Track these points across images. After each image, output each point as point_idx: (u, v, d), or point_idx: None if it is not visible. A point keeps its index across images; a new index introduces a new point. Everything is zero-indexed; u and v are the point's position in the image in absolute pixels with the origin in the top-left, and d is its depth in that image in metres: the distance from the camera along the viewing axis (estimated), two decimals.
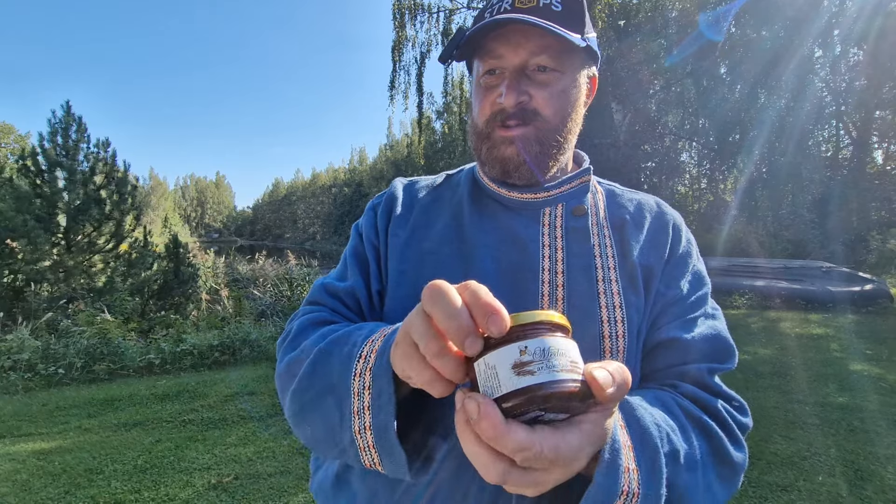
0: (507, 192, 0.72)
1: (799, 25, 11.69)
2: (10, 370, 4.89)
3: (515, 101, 0.65)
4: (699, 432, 0.57)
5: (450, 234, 0.72)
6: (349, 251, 0.77)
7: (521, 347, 0.37)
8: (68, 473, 2.88)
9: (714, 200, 16.10)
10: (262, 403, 4.03)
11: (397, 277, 0.70)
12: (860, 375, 4.50)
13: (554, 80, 0.66)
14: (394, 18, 14.88)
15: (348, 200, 59.86)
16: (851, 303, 7.78)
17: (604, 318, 0.64)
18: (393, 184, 0.82)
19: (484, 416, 0.36)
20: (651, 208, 0.76)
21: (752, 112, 12.86)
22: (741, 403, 0.65)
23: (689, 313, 0.67)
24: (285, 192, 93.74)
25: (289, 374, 0.61)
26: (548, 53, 0.64)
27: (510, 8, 0.64)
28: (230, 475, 2.80)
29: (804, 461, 2.86)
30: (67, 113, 8.05)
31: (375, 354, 0.51)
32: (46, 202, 7.60)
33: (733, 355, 0.67)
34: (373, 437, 0.50)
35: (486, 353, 0.38)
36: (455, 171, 0.84)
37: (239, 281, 10.77)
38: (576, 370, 0.38)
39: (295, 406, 0.58)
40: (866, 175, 13.11)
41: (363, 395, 0.51)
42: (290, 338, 0.67)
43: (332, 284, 0.74)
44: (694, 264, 0.72)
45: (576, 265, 0.67)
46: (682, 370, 0.64)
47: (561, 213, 0.71)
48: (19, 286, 7.16)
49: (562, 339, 0.38)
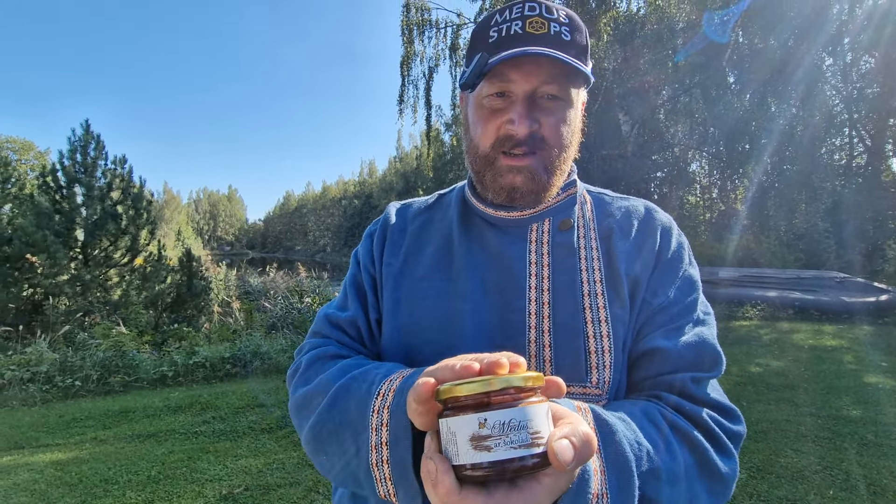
0: (495, 212, 0.73)
1: (807, 33, 11.66)
2: (30, 382, 5.01)
3: (528, 129, 0.64)
4: (684, 445, 0.57)
5: (440, 259, 0.74)
6: (349, 280, 0.80)
7: (481, 420, 0.37)
8: (84, 484, 2.94)
9: (725, 210, 15.95)
10: (272, 415, 4.08)
11: (393, 305, 0.72)
12: (875, 388, 4.42)
13: (560, 108, 0.67)
14: (402, 34, 15.13)
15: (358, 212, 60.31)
16: (867, 313, 7.64)
17: (589, 333, 0.64)
18: (387, 209, 0.85)
19: (440, 482, 0.38)
20: (639, 214, 0.74)
21: (762, 121, 12.79)
22: (731, 410, 0.64)
23: (675, 321, 0.67)
24: (296, 204, 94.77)
25: (305, 407, 0.65)
26: (558, 83, 0.65)
27: (521, 32, 0.64)
28: (241, 486, 2.84)
29: (815, 475, 2.83)
30: (87, 131, 8.30)
31: (394, 394, 0.54)
32: (65, 218, 7.81)
33: (719, 362, 0.66)
34: (390, 471, 0.52)
35: (448, 416, 0.39)
36: (447, 191, 0.86)
37: (250, 293, 10.90)
38: (536, 443, 0.37)
39: (312, 438, 0.62)
40: (881, 183, 12.91)
41: (381, 430, 0.54)
42: (300, 371, 0.71)
43: (334, 315, 0.77)
44: (684, 269, 0.71)
45: (561, 282, 0.67)
46: (666, 380, 0.64)
47: (548, 228, 0.71)
48: (38, 300, 7.34)
49: (526, 408, 0.37)
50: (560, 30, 0.65)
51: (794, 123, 12.98)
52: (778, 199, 13.25)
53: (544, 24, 0.64)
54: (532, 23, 0.64)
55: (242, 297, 10.41)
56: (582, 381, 0.63)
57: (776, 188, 13.52)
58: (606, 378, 0.63)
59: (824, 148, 14.30)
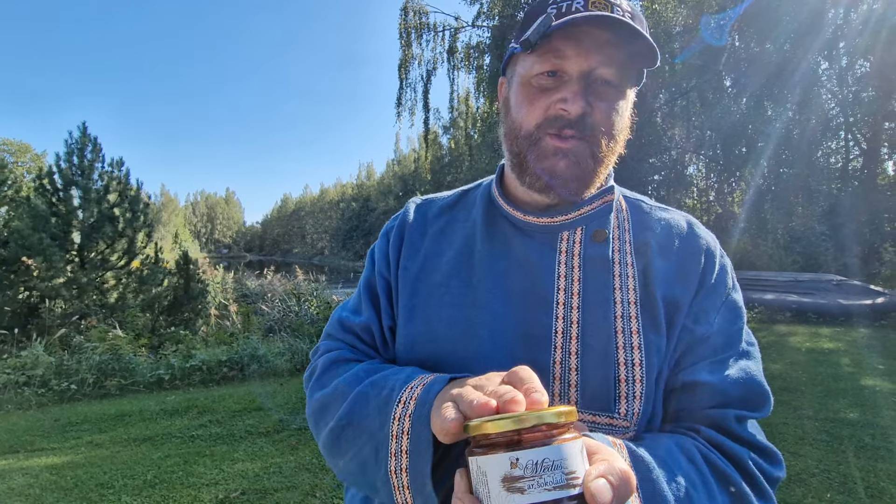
0: (523, 216, 0.68)
1: (803, 38, 11.73)
2: (25, 385, 4.99)
3: (582, 110, 0.60)
4: (722, 487, 0.55)
5: (460, 264, 0.69)
6: (363, 283, 0.77)
7: (513, 459, 0.35)
8: (80, 488, 2.92)
9: (722, 213, 16.02)
10: (269, 419, 4.06)
11: (407, 313, 0.69)
12: (872, 391, 4.43)
13: (614, 96, 0.62)
14: (400, 37, 15.20)
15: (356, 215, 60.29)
16: (864, 316, 7.66)
17: (620, 360, 0.60)
18: (406, 206, 0.79)
19: None
20: (681, 231, 0.69)
21: (759, 124, 12.87)
22: (773, 453, 0.61)
23: (720, 353, 0.62)
24: (294, 207, 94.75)
25: (323, 411, 0.65)
26: (616, 66, 0.60)
27: (582, 7, 0.58)
28: (237, 490, 2.83)
29: (813, 478, 2.83)
30: (83, 133, 8.28)
31: (415, 403, 0.53)
32: (62, 220, 7.79)
33: (767, 402, 0.62)
34: (408, 479, 0.51)
35: (478, 454, 0.37)
36: (472, 186, 0.80)
37: (247, 296, 10.89)
38: (572, 483, 0.35)
39: (330, 442, 0.62)
40: (877, 186, 12.99)
41: (401, 438, 0.53)
42: (316, 375, 0.71)
43: (348, 320, 0.75)
44: (728, 294, 0.66)
45: (592, 300, 0.62)
46: (708, 415, 0.60)
47: (580, 238, 0.66)
48: (34, 303, 7.31)
49: (560, 446, 0.36)
50: (623, 15, 0.59)
51: (790, 127, 13.05)
52: (775, 202, 13.30)
53: (607, 6, 0.59)
54: (595, 3, 0.59)
55: (240, 300, 10.39)
56: (609, 410, 0.59)
57: (773, 191, 13.58)
58: (636, 409, 0.59)
59: (820, 151, 14.39)
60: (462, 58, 15.67)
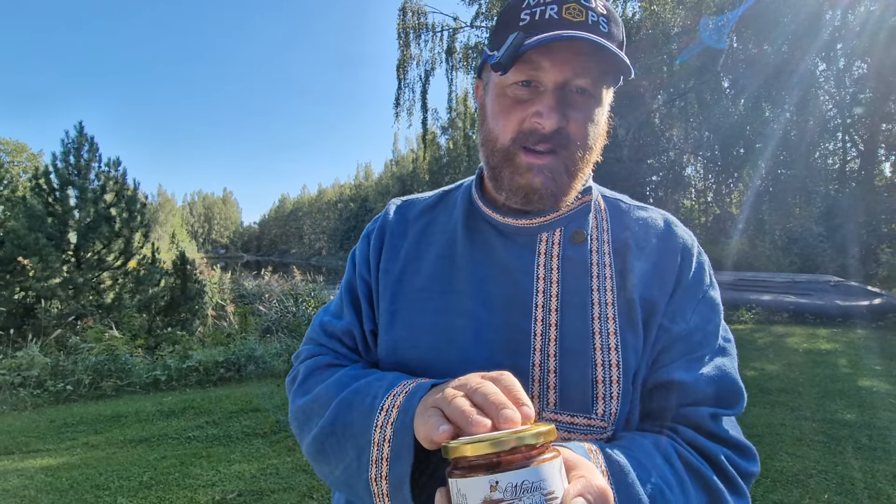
0: (503, 218, 0.68)
1: (801, 39, 11.78)
2: (20, 386, 4.96)
3: (557, 124, 0.59)
4: (698, 486, 0.56)
5: (441, 267, 0.69)
6: (344, 286, 0.77)
7: (493, 482, 0.35)
8: (75, 489, 2.90)
9: (720, 214, 16.07)
10: (266, 420, 4.05)
11: (389, 318, 0.68)
12: (869, 391, 4.44)
13: (590, 104, 0.62)
14: (398, 38, 15.20)
15: (354, 216, 60.33)
16: (861, 317, 7.69)
17: (598, 360, 0.60)
18: (387, 207, 0.79)
19: None
20: (658, 230, 0.69)
21: (757, 125, 12.91)
22: (747, 448, 0.62)
23: (696, 351, 0.63)
24: (292, 207, 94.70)
25: (306, 418, 0.65)
26: (591, 76, 0.60)
27: (557, 17, 0.58)
28: (234, 492, 2.81)
29: (810, 479, 2.83)
30: (80, 133, 8.25)
31: (398, 410, 0.53)
32: (58, 220, 7.76)
33: (741, 399, 0.63)
34: (388, 487, 0.52)
35: (457, 476, 0.37)
36: (453, 187, 0.80)
37: (245, 297, 10.86)
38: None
39: (315, 450, 0.62)
40: (875, 188, 13.04)
41: (382, 446, 0.53)
42: (299, 380, 0.70)
43: (330, 324, 0.75)
44: (705, 291, 0.66)
45: (571, 302, 0.63)
46: (683, 413, 0.61)
47: (559, 239, 0.67)
48: (30, 303, 7.27)
49: (539, 468, 0.36)
50: (598, 20, 0.59)
51: (788, 128, 13.10)
52: (773, 203, 13.35)
53: (582, 12, 0.59)
54: (569, 9, 0.58)
55: (237, 300, 10.37)
56: (587, 411, 0.60)
57: (771, 192, 13.63)
58: (613, 410, 0.60)
59: (818, 152, 14.46)
60: (460, 58, 15.69)
